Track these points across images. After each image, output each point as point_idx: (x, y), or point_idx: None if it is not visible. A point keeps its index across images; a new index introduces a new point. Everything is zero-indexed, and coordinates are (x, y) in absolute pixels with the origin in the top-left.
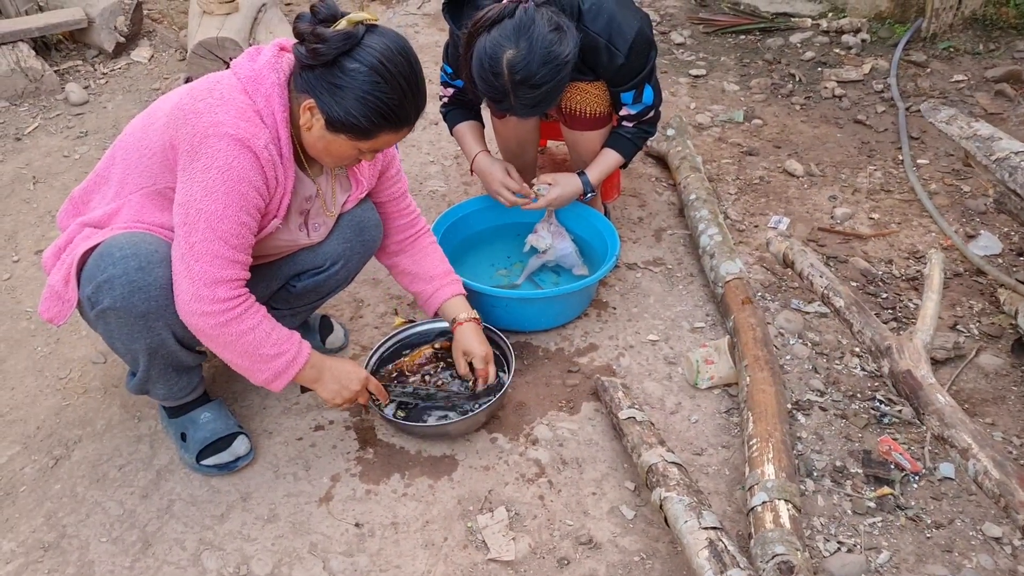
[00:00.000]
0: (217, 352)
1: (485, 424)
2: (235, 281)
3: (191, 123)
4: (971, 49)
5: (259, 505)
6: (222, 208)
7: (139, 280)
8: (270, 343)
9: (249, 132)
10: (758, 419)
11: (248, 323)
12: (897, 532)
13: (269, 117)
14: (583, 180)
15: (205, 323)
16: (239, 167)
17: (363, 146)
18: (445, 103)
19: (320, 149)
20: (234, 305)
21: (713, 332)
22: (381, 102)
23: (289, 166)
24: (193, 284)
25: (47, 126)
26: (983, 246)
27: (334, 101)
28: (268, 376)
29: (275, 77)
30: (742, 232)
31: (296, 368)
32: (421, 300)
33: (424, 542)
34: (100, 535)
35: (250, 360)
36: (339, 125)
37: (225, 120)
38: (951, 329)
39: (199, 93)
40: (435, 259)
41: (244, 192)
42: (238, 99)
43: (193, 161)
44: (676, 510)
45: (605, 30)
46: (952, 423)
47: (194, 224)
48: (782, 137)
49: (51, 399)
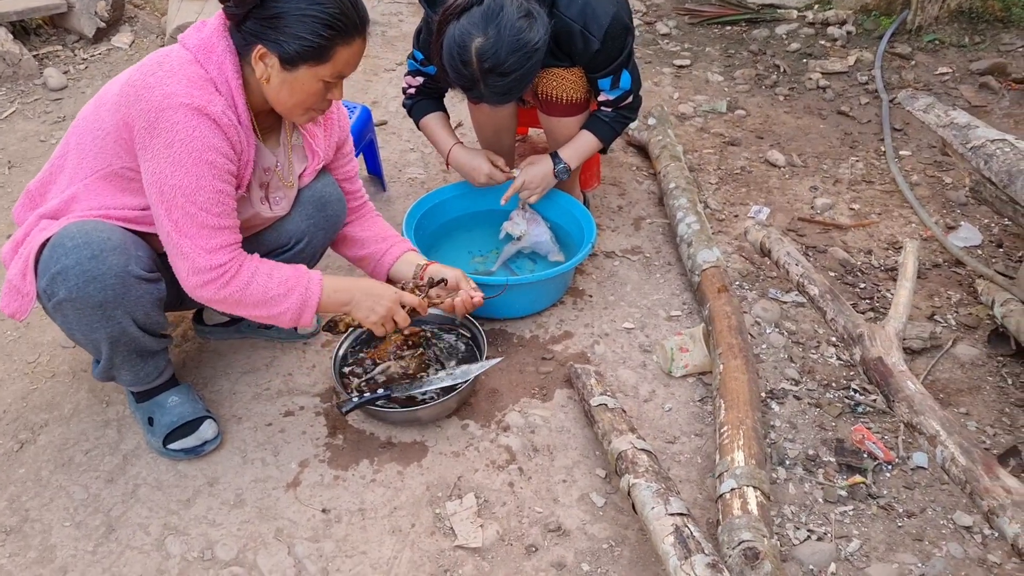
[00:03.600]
0: (234, 312)
1: (456, 411)
2: (227, 247)
3: (144, 99)
4: (956, 42)
5: (225, 490)
6: (195, 180)
7: (93, 269)
8: (275, 283)
9: (204, 99)
10: (730, 407)
11: (246, 274)
12: (868, 521)
13: (223, 85)
14: (554, 159)
15: (209, 291)
16: (201, 136)
17: (325, 72)
18: (411, 94)
19: (285, 97)
20: (229, 267)
21: (689, 320)
22: (324, 13)
23: (249, 134)
24: (187, 260)
25: (24, 111)
26: (963, 237)
27: (280, 34)
28: (291, 314)
29: (225, 44)
30: (722, 222)
31: (314, 297)
32: (371, 262)
33: (391, 528)
34: (63, 519)
35: (266, 307)
36: (294, 56)
37: (178, 91)
38: (928, 319)
39: (148, 68)
40: (383, 224)
41: (212, 160)
42: (189, 69)
43: (153, 137)
44: (644, 496)
45: (580, 16)
46: (921, 410)
47: (172, 201)
48: (765, 128)
49: (18, 383)
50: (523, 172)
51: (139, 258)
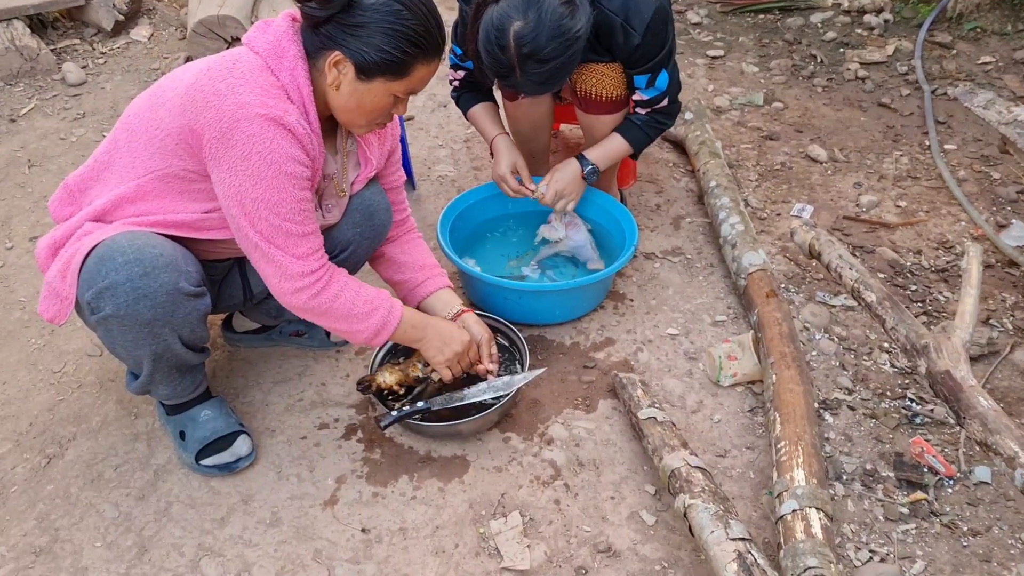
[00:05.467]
0: (316, 321)
1: (497, 423)
2: (315, 253)
3: (214, 106)
4: (999, 30)
5: (261, 508)
6: (276, 193)
7: (144, 287)
8: (361, 301)
9: (279, 109)
10: (786, 421)
11: (336, 287)
12: (932, 540)
13: (295, 92)
14: (581, 161)
15: (300, 299)
16: (279, 147)
17: (398, 87)
18: (456, 87)
19: (352, 107)
20: (321, 275)
21: (735, 326)
22: (410, 29)
23: (320, 141)
24: (279, 269)
25: (43, 107)
26: (1015, 236)
27: (361, 43)
28: (368, 334)
29: (296, 49)
30: (763, 220)
31: (393, 322)
32: (405, 289)
33: (434, 549)
34: (94, 539)
35: (347, 322)
36: (372, 67)
37: (251, 100)
38: (984, 324)
39: (218, 73)
40: (423, 250)
41: (292, 171)
42: (261, 77)
43: (228, 149)
44: (702, 519)
45: (622, 8)
46: (996, 428)
47: (256, 213)
48: (804, 121)
49: (44, 394)
50: (552, 184)
51: (188, 274)
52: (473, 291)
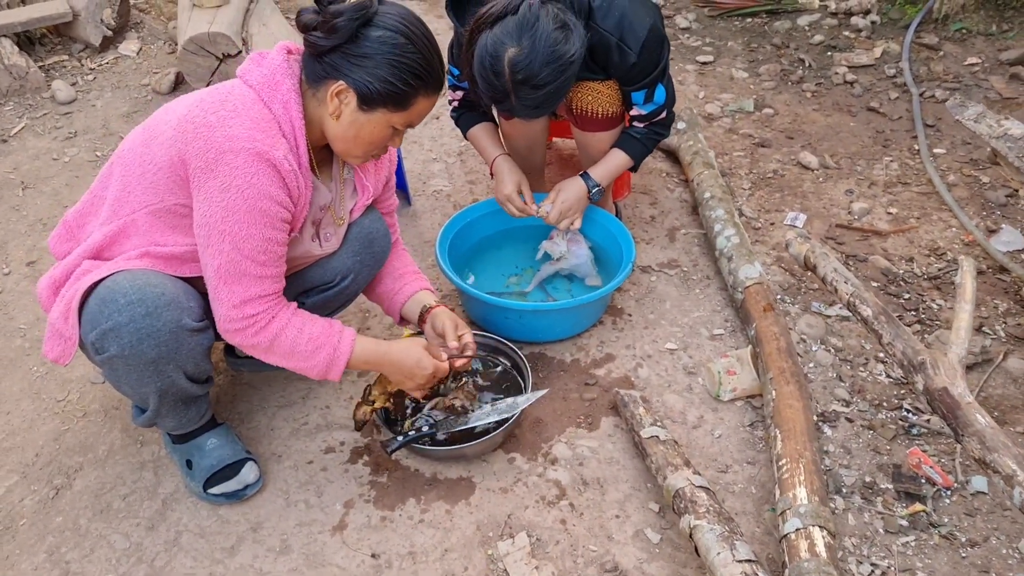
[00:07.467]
0: (267, 360)
1: (502, 444)
2: (264, 297)
3: (203, 136)
4: (984, 30)
5: (270, 536)
6: (245, 229)
7: (147, 327)
8: (304, 339)
9: (267, 144)
10: (787, 437)
11: (275, 327)
12: (931, 552)
13: (287, 125)
14: (586, 180)
15: (240, 339)
16: (259, 183)
17: (398, 119)
18: (456, 107)
19: (351, 136)
20: (260, 317)
21: (733, 339)
22: (414, 62)
23: (307, 176)
24: (222, 307)
25: (34, 126)
26: (1005, 241)
27: (366, 73)
28: (318, 371)
29: (291, 83)
30: (758, 230)
31: (342, 358)
32: (386, 300)
33: (444, 572)
34: (106, 571)
35: (292, 360)
36: (375, 97)
37: (240, 133)
38: (976, 331)
39: (210, 105)
40: (405, 259)
41: (266, 208)
42: (254, 109)
43: (209, 179)
44: (707, 540)
45: (616, 28)
46: (994, 446)
47: (218, 247)
48: (794, 127)
49: (49, 423)
50: (557, 203)
51: (191, 309)
52: (473, 310)
